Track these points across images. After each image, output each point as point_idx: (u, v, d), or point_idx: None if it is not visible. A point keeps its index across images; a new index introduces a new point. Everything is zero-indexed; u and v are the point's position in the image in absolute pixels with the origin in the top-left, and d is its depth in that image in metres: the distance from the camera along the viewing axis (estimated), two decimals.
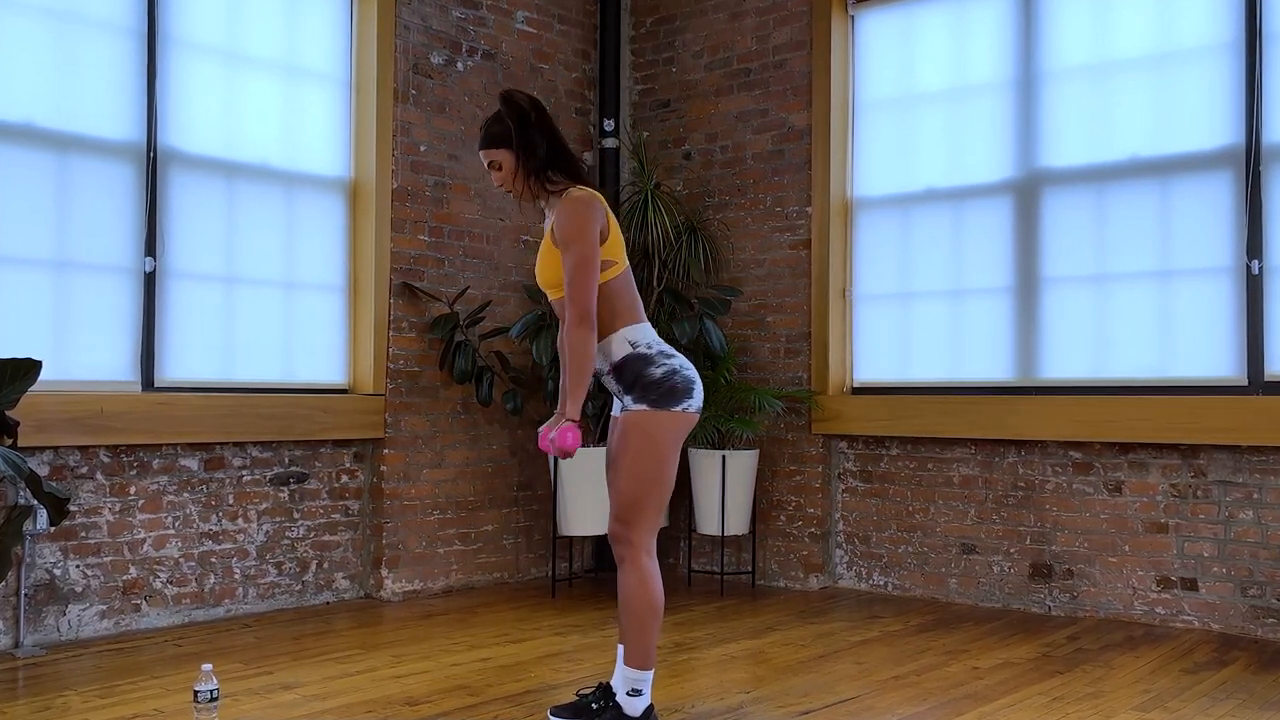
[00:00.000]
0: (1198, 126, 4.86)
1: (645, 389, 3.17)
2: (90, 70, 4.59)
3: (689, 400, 3.20)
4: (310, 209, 5.28)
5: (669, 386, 3.16)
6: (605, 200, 3.24)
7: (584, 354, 3.09)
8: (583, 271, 3.09)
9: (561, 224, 3.14)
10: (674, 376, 3.18)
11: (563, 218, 3.14)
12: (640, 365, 3.18)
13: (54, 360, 4.41)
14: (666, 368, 3.18)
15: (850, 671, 4.02)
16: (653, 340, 3.23)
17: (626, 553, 3.18)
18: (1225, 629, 4.65)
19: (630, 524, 3.18)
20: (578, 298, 3.09)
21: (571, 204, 3.16)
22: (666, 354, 3.22)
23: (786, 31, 5.87)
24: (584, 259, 3.10)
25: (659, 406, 3.16)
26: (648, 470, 3.16)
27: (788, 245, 5.84)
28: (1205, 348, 4.81)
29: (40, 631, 4.32)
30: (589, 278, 3.09)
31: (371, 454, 5.37)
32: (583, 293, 3.09)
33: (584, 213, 3.13)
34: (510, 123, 3.19)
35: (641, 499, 3.17)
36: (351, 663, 4.08)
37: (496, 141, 3.22)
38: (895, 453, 5.58)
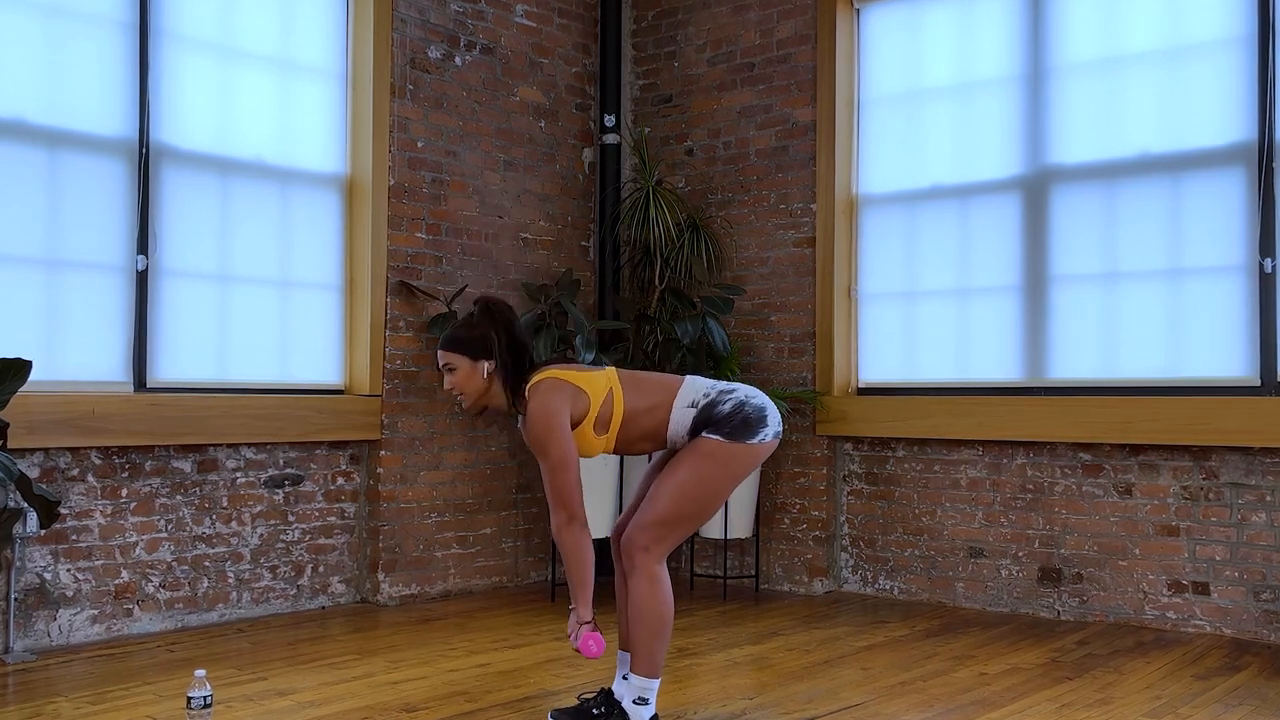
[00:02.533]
0: (1209, 122, 4.83)
1: (718, 424, 3.16)
2: (82, 65, 4.56)
3: (764, 429, 3.19)
4: (305, 206, 5.25)
5: (741, 419, 3.16)
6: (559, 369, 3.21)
7: (581, 554, 3.10)
8: (561, 473, 3.09)
9: (530, 433, 3.13)
10: (743, 408, 3.18)
11: (530, 427, 3.13)
12: (708, 410, 3.19)
13: (44, 360, 4.38)
14: (733, 402, 3.18)
15: (856, 677, 3.99)
16: (708, 388, 3.23)
17: (640, 559, 3.16)
18: (1237, 634, 4.63)
19: (655, 536, 3.16)
20: (562, 499, 3.09)
21: (532, 408, 3.13)
22: (726, 390, 3.22)
23: (791, 25, 5.83)
24: (560, 460, 3.09)
25: (734, 439, 3.15)
26: (700, 498, 3.16)
27: (792, 243, 5.80)
28: (1217, 347, 4.78)
29: (30, 636, 4.29)
30: (568, 478, 3.09)
31: (368, 456, 5.34)
32: (565, 493, 3.09)
33: (548, 411, 3.10)
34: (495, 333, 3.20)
35: (680, 518, 3.17)
36: (347, 668, 4.06)
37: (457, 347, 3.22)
38: (901, 454, 5.54)
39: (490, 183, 5.76)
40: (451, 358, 3.22)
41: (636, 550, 3.16)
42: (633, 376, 3.26)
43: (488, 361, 3.21)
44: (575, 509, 3.08)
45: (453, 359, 3.22)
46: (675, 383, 3.25)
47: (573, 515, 3.08)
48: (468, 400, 3.26)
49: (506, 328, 3.22)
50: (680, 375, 3.30)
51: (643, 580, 3.15)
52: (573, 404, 3.13)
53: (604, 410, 3.16)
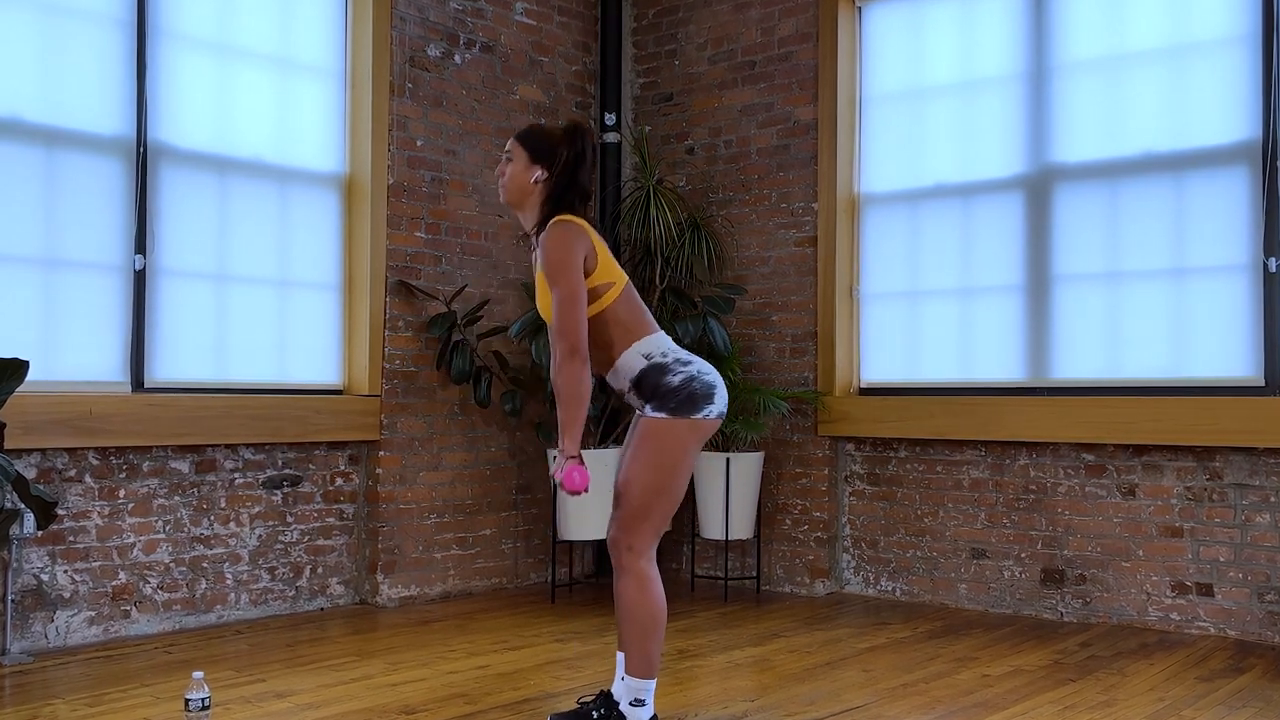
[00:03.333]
0: (1213, 121, 4.81)
1: (663, 398, 3.15)
2: (79, 63, 4.54)
3: (709, 406, 3.17)
4: (304, 205, 5.23)
5: (687, 394, 3.14)
6: (588, 223, 3.23)
7: (576, 389, 3.08)
8: (569, 306, 3.09)
9: (545, 259, 3.14)
10: (692, 383, 3.15)
11: (546, 252, 3.14)
12: (657, 375, 3.16)
13: (42, 360, 4.36)
14: (684, 375, 3.16)
15: (857, 679, 3.98)
16: (668, 348, 3.21)
17: (626, 559, 3.15)
18: (1241, 635, 4.61)
19: (633, 531, 3.15)
20: (566, 332, 3.08)
21: (553, 237, 3.15)
22: (683, 360, 3.19)
23: (792, 23, 5.81)
24: (570, 294, 3.09)
25: (678, 414, 3.13)
26: (659, 479, 3.14)
27: (793, 242, 5.78)
28: (1221, 347, 4.76)
29: (27, 638, 4.28)
30: (576, 312, 3.09)
31: (367, 456, 5.32)
32: (570, 327, 3.08)
33: (566, 245, 3.12)
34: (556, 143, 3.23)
35: (648, 507, 3.14)
36: (346, 670, 4.05)
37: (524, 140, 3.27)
38: (903, 455, 5.52)
39: (490, 182, 5.74)
40: (515, 148, 3.27)
41: (621, 551, 3.16)
42: (633, 294, 3.25)
43: (543, 169, 3.22)
44: (577, 343, 3.07)
45: (515, 150, 3.27)
46: (648, 329, 3.22)
47: (575, 349, 3.07)
48: (506, 194, 3.29)
49: (578, 155, 3.22)
50: (656, 327, 3.26)
51: (630, 580, 3.14)
52: (586, 257, 3.14)
53: (598, 288, 3.16)
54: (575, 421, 3.08)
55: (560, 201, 3.23)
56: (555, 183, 3.23)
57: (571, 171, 3.23)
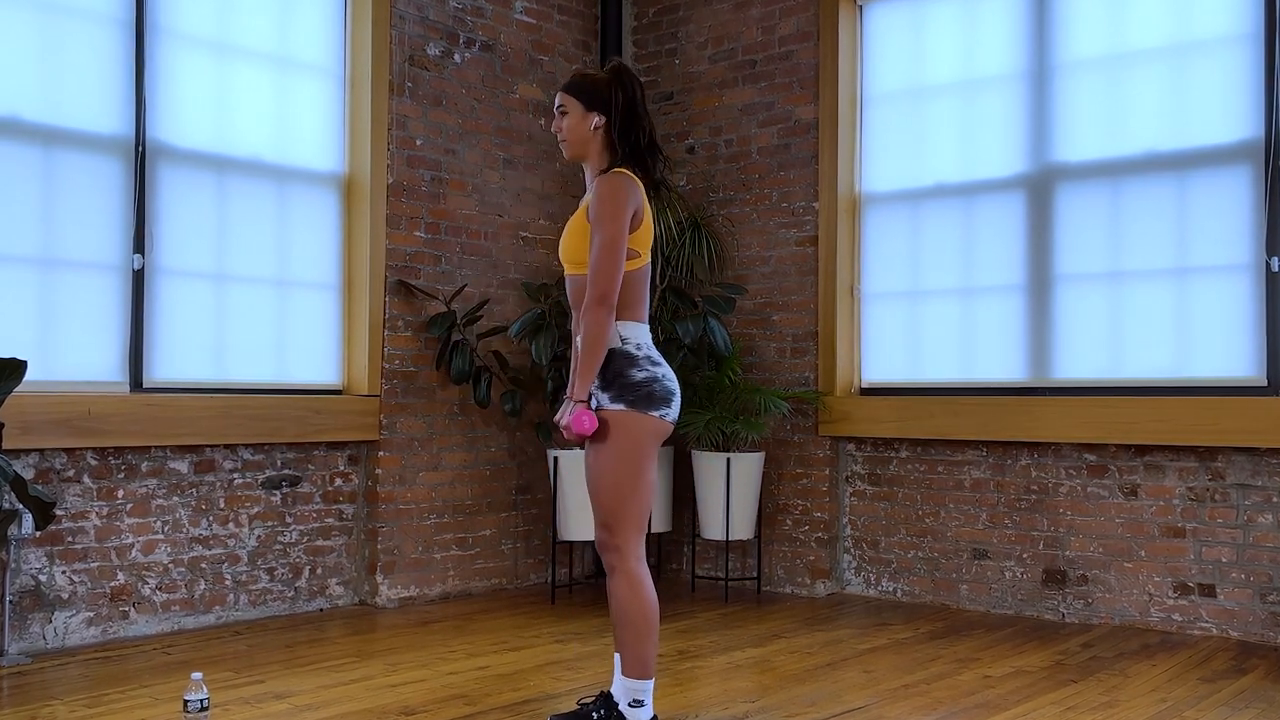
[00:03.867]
0: (1215, 120, 4.79)
1: (623, 389, 3.12)
2: (77, 62, 4.53)
3: (666, 409, 3.16)
4: (303, 205, 5.22)
5: (647, 392, 3.13)
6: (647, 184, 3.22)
7: (600, 335, 3.07)
8: (609, 254, 3.06)
9: (598, 203, 3.11)
10: (654, 384, 3.14)
11: (600, 198, 3.11)
12: (623, 364, 3.13)
13: (40, 360, 4.35)
14: (649, 374, 3.14)
15: (858, 680, 3.97)
16: (645, 343, 3.19)
17: (615, 560, 3.14)
18: (1244, 636, 4.60)
19: (615, 529, 3.13)
20: (600, 279, 3.06)
21: (611, 184, 3.12)
22: (654, 361, 3.18)
23: (793, 22, 5.79)
24: (613, 242, 3.07)
25: (636, 408, 3.11)
26: (627, 471, 3.12)
27: (794, 242, 5.77)
28: (1223, 347, 4.74)
29: (26, 639, 4.26)
30: (615, 261, 3.07)
31: (366, 456, 5.31)
32: (606, 275, 3.06)
33: (621, 195, 3.10)
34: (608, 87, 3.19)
35: (623, 502, 3.12)
36: (345, 671, 4.04)
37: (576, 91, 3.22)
38: (904, 455, 5.51)
39: (490, 181, 5.73)
40: (567, 100, 3.22)
41: (610, 552, 3.15)
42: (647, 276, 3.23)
43: (599, 115, 3.19)
44: (610, 291, 3.05)
45: (568, 102, 3.22)
46: (640, 314, 3.20)
47: (605, 296, 3.05)
48: (570, 148, 3.25)
49: (630, 93, 3.19)
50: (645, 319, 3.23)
51: (621, 581, 3.12)
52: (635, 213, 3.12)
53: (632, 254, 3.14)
54: (591, 369, 3.06)
55: (625, 143, 3.20)
56: (617, 127, 3.19)
57: (629, 112, 3.20)
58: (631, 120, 3.21)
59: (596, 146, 3.22)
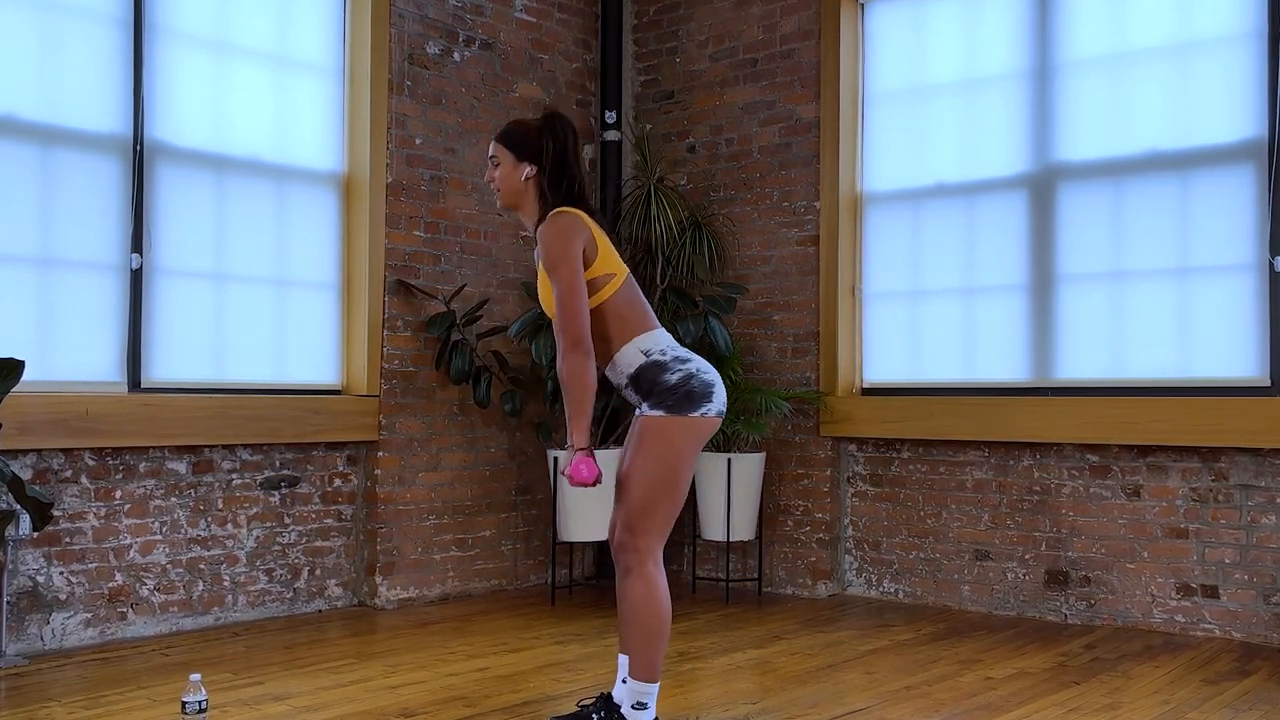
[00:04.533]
0: (1218, 119, 4.78)
1: (660, 395, 3.12)
2: (75, 61, 4.51)
3: (708, 404, 3.14)
4: (302, 204, 5.20)
5: (685, 391, 3.11)
6: (587, 214, 3.20)
7: (582, 381, 3.05)
8: (569, 298, 3.07)
9: (544, 250, 3.12)
10: (690, 381, 3.12)
11: (543, 246, 3.12)
12: (655, 372, 3.13)
13: (37, 360, 4.34)
14: (682, 373, 3.13)
15: (860, 681, 3.96)
16: (667, 346, 3.17)
17: (632, 561, 3.12)
18: (1247, 638, 4.58)
19: (639, 532, 3.11)
20: (568, 325, 3.06)
21: (549, 229, 3.13)
22: (682, 359, 3.16)
23: (794, 21, 5.78)
24: (569, 287, 3.07)
25: (676, 412, 3.10)
26: (661, 477, 3.11)
27: (795, 241, 5.75)
28: (1226, 347, 4.73)
29: (23, 640, 4.25)
30: (577, 303, 3.07)
31: (365, 457, 5.29)
32: (572, 319, 3.06)
33: (564, 236, 3.10)
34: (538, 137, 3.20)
35: (653, 507, 3.11)
36: (345, 673, 4.03)
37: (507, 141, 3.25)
38: (906, 456, 5.49)
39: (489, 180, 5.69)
40: (499, 150, 3.26)
41: (627, 552, 3.12)
42: (634, 287, 3.22)
43: (530, 165, 3.20)
44: (580, 335, 3.05)
45: (499, 152, 3.26)
46: (648, 323, 3.19)
47: (577, 341, 3.05)
48: (503, 198, 3.28)
49: (561, 143, 3.20)
50: (656, 322, 3.23)
51: (637, 583, 3.10)
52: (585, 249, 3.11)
53: (597, 281, 3.13)
54: (582, 414, 3.05)
55: (556, 193, 3.20)
56: (547, 176, 3.20)
57: (559, 160, 3.21)
58: (561, 170, 3.21)
59: (530, 196, 3.23)
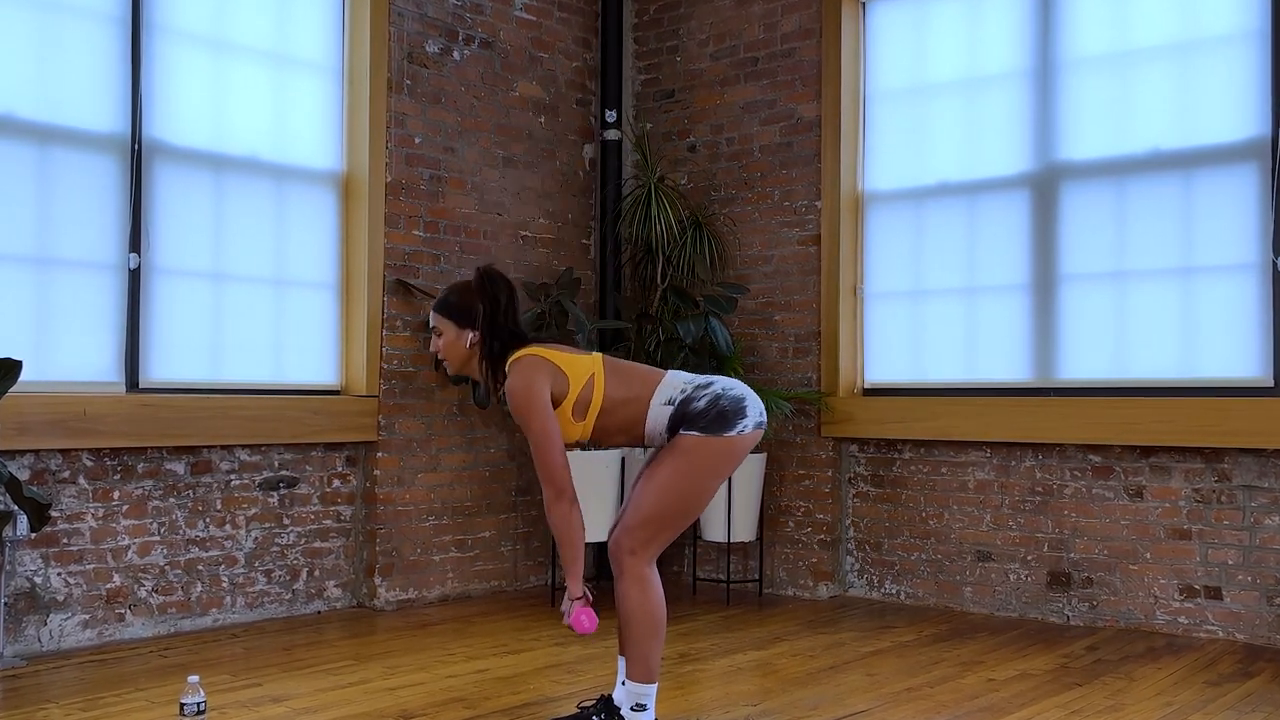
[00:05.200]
0: (1222, 118, 4.76)
1: (693, 420, 3.10)
2: (73, 59, 4.50)
3: (742, 421, 3.11)
4: (301, 203, 5.19)
5: (717, 413, 3.09)
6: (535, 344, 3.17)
7: (568, 531, 3.05)
8: (545, 450, 3.05)
9: (512, 406, 3.10)
10: (719, 402, 3.11)
11: (510, 400, 3.10)
12: (683, 407, 3.12)
13: (35, 360, 4.32)
14: (708, 397, 3.11)
15: (861, 683, 3.95)
16: (684, 383, 3.16)
17: (627, 562, 3.12)
18: (1250, 639, 4.57)
19: (638, 534, 3.11)
20: (549, 475, 3.05)
21: (511, 384, 3.10)
22: (702, 385, 3.14)
23: (795, 19, 5.76)
24: (543, 434, 3.05)
25: (710, 433, 3.09)
26: (682, 495, 3.11)
27: (796, 241, 5.73)
28: (1229, 347, 4.71)
29: (20, 642, 4.24)
30: (553, 454, 3.05)
31: (364, 457, 5.27)
32: (551, 471, 3.05)
33: (526, 388, 3.06)
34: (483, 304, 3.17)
35: (664, 521, 3.11)
36: (344, 674, 4.02)
37: (445, 311, 3.21)
38: (908, 456, 5.47)
39: (489, 179, 5.70)
40: (439, 321, 3.24)
41: (623, 554, 3.11)
42: (617, 366, 3.20)
43: (473, 331, 3.18)
44: (563, 484, 3.03)
45: (440, 323, 3.24)
46: (656, 377, 3.18)
47: (560, 491, 3.03)
48: (451, 367, 3.27)
49: (494, 302, 3.17)
50: (663, 370, 3.22)
51: (632, 584, 3.10)
52: (553, 383, 3.09)
53: (584, 395, 3.11)
54: (574, 561, 3.05)
55: (500, 350, 3.17)
56: (485, 336, 3.18)
57: (491, 320, 3.16)
58: (495, 329, 3.17)
59: (474, 360, 3.21)
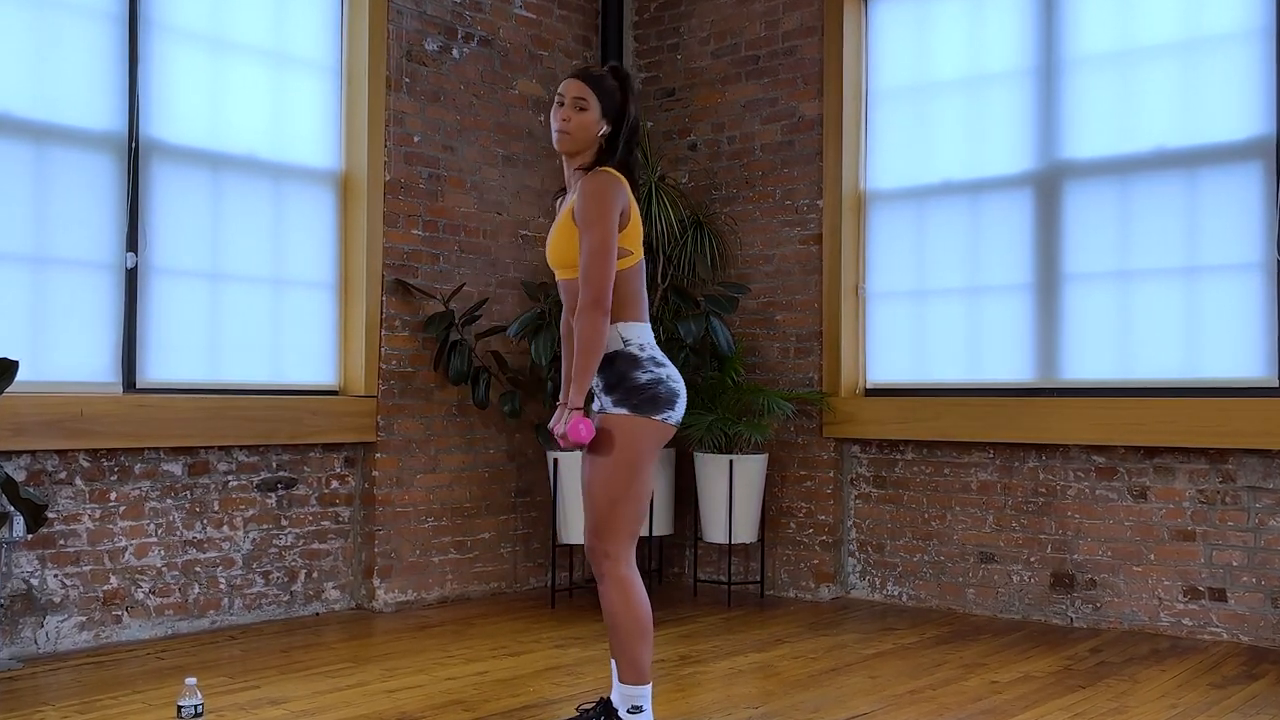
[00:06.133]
0: (1226, 116, 4.75)
1: (627, 393, 3.07)
2: (70, 57, 4.48)
3: (670, 411, 3.11)
4: (299, 202, 5.17)
5: (652, 394, 3.08)
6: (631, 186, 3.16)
7: (595, 339, 3.01)
8: (601, 256, 3.01)
9: (584, 204, 3.05)
10: (659, 386, 3.09)
11: (586, 198, 3.05)
12: (627, 366, 3.09)
13: (31, 360, 4.30)
14: (653, 375, 3.09)
15: (863, 686, 3.94)
16: (648, 343, 3.14)
17: (605, 566, 3.10)
18: (1255, 641, 4.56)
19: (605, 537, 3.09)
20: (594, 281, 3.01)
21: (596, 183, 3.06)
22: (657, 361, 3.13)
23: (797, 17, 5.74)
24: (604, 243, 3.02)
25: (639, 412, 3.07)
26: (624, 479, 3.07)
27: (798, 240, 5.71)
28: (1234, 347, 4.70)
29: (17, 644, 4.22)
30: (607, 263, 3.02)
31: (363, 458, 5.26)
32: (599, 278, 3.01)
33: (607, 194, 3.04)
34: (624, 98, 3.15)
35: (617, 509, 3.08)
36: (342, 676, 4.01)
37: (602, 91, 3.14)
38: (910, 457, 5.45)
39: (489, 178, 5.68)
40: (590, 97, 3.12)
41: (599, 558, 3.10)
42: (643, 275, 3.18)
43: (609, 124, 3.13)
44: (603, 295, 3.00)
45: (590, 100, 3.12)
46: (640, 314, 3.14)
47: (598, 300, 2.99)
48: (570, 142, 3.14)
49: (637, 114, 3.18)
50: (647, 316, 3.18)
51: (612, 587, 3.08)
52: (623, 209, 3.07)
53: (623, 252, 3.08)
54: (586, 372, 3.01)
55: (614, 157, 3.15)
56: (619, 141, 3.15)
57: (634, 131, 3.17)
58: (633, 140, 3.18)
59: (593, 150, 3.17)
